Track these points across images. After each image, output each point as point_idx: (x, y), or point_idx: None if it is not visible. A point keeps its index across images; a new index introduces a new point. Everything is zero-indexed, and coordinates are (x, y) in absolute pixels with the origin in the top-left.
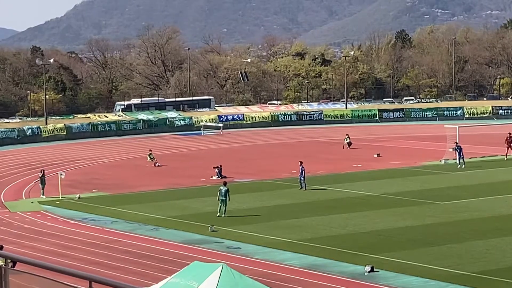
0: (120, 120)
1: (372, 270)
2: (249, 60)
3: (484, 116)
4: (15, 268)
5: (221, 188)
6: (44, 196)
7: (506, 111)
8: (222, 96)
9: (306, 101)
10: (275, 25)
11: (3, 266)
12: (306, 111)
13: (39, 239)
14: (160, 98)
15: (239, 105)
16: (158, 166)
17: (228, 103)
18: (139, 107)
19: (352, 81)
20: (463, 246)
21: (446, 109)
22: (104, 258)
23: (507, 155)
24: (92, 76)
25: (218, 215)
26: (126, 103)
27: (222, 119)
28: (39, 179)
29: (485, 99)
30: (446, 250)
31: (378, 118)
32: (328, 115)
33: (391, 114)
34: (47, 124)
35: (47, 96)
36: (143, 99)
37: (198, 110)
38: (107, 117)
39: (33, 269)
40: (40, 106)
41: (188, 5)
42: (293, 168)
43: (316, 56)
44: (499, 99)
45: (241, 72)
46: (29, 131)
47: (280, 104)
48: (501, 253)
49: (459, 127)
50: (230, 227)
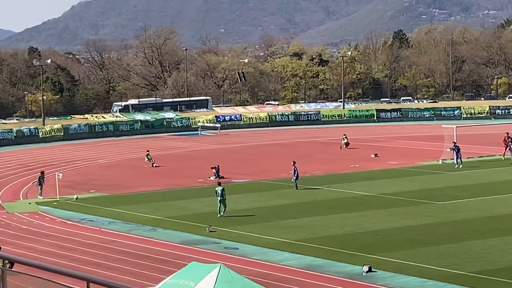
0: (118, 121)
1: (370, 270)
2: (246, 60)
3: (482, 116)
4: (12, 269)
5: (216, 189)
6: (41, 197)
7: (503, 111)
8: (219, 97)
9: (304, 101)
10: (273, 25)
11: (0, 267)
12: (304, 111)
13: (36, 240)
14: (157, 99)
15: (237, 105)
16: (156, 166)
17: (226, 104)
18: (137, 107)
19: (349, 81)
20: (461, 246)
21: (443, 109)
22: (102, 258)
23: (504, 155)
24: (90, 76)
25: (219, 216)
26: (124, 103)
27: (219, 119)
28: (37, 180)
29: (482, 99)
30: (444, 250)
31: (375, 118)
32: (326, 115)
33: (388, 114)
34: (44, 124)
35: (45, 97)
36: (141, 99)
37: (196, 110)
38: (104, 117)
39: (30, 269)
40: (37, 107)
41: (185, 5)
42: (291, 168)
43: (314, 56)
44: (497, 99)
45: (238, 73)
46: (26, 132)
47: (278, 105)
48: (499, 253)
49: (456, 127)
50: (228, 227)
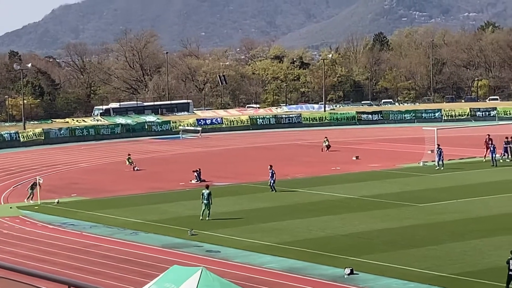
0: (99, 125)
1: (351, 273)
2: (227, 63)
3: (462, 118)
4: None
5: (203, 191)
6: (26, 201)
7: (484, 113)
8: (200, 100)
9: (285, 104)
10: (253, 28)
11: None
12: (285, 114)
13: (18, 244)
14: (138, 102)
15: (218, 108)
16: (137, 170)
17: (207, 107)
18: (118, 111)
19: (330, 83)
20: (442, 248)
21: (424, 111)
22: (84, 262)
23: (485, 156)
24: (70, 80)
25: (201, 219)
26: (105, 107)
27: (200, 122)
28: (29, 186)
29: (463, 101)
30: (425, 252)
31: (356, 121)
32: (307, 118)
33: (369, 116)
34: (25, 129)
35: (25, 101)
36: (122, 103)
37: (177, 114)
38: (85, 121)
39: (12, 274)
40: (18, 111)
41: (166, 9)
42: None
43: (295, 59)
44: (477, 101)
45: (219, 76)
46: (7, 136)
47: (259, 108)
48: (479, 254)
49: (437, 129)
50: (209, 230)
